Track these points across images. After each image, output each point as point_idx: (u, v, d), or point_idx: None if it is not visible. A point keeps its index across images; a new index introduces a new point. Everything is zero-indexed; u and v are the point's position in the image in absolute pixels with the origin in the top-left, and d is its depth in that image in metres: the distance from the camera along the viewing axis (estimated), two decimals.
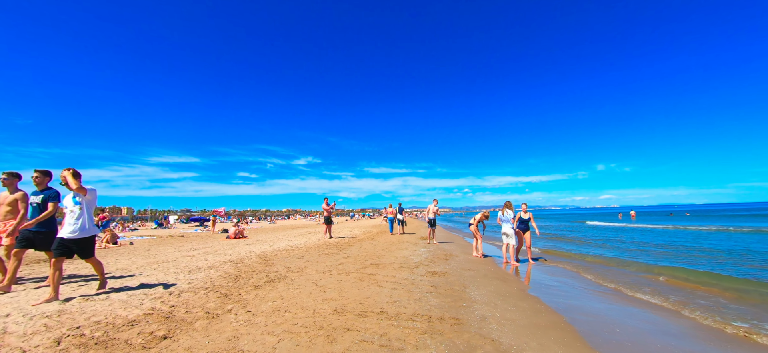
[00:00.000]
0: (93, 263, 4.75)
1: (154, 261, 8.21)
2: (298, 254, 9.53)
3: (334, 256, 9.07)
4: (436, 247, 12.06)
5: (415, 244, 12.91)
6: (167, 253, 10.13)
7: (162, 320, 3.64)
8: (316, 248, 11.05)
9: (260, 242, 13.79)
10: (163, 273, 6.41)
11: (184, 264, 7.58)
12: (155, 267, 7.32)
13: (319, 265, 7.54)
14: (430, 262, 8.35)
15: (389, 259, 8.64)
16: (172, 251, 10.76)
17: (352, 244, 12.45)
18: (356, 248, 11.18)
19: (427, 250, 11.06)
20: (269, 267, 7.20)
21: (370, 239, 14.89)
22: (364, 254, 9.60)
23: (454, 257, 9.53)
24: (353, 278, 6.11)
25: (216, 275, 6.26)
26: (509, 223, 8.90)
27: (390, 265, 7.66)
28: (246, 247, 11.58)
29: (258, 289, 5.15)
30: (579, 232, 21.78)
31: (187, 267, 7.27)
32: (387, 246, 11.86)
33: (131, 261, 8.36)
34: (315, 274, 6.46)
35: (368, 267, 7.39)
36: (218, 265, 7.44)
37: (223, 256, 9.07)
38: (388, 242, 13.29)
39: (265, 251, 10.01)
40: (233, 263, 7.67)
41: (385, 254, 9.53)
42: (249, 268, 7.08)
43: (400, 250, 10.77)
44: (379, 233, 18.49)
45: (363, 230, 21.38)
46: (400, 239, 15.20)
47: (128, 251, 11.20)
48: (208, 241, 15.12)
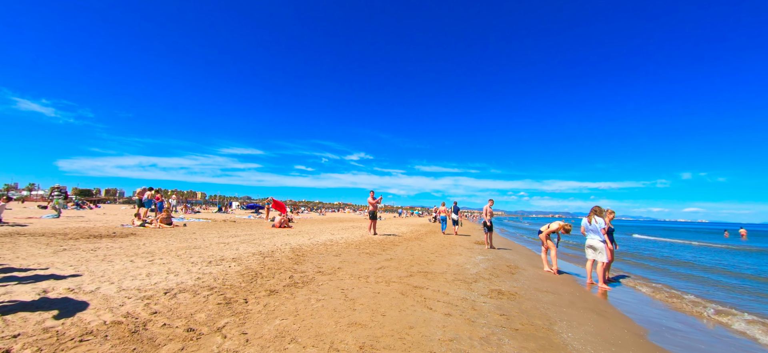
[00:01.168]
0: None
1: (185, 246, 7.72)
2: (336, 251, 8.45)
3: (375, 257, 7.81)
4: (496, 255, 10.20)
5: (470, 249, 11.16)
6: (206, 238, 9.78)
7: (123, 337, 2.64)
8: (357, 245, 9.93)
9: (302, 233, 13.13)
10: (181, 262, 5.70)
11: (211, 253, 6.90)
12: (181, 253, 6.73)
13: (356, 267, 6.31)
14: (491, 275, 6.67)
15: (440, 267, 7.13)
16: (212, 236, 10.45)
17: (397, 244, 11.12)
18: (401, 249, 9.83)
19: (484, 258, 9.30)
20: (298, 265, 6.17)
21: (417, 239, 13.44)
22: (409, 257, 8.20)
23: (520, 270, 7.68)
24: (394, 290, 4.75)
25: (234, 270, 5.35)
26: (598, 234, 6.84)
27: (441, 276, 6.16)
28: (285, 238, 10.89)
29: (272, 296, 4.05)
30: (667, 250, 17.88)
31: (213, 256, 6.55)
32: (437, 249, 10.31)
33: (165, 244, 7.99)
34: (348, 280, 5.23)
35: (414, 275, 5.98)
36: (245, 257, 6.62)
37: (256, 246, 8.34)
38: (438, 245, 11.73)
39: (302, 245, 9.12)
40: (261, 257, 6.80)
41: (435, 260, 8.02)
42: (275, 264, 6.11)
43: (452, 255, 9.17)
44: (428, 233, 16.93)
45: (410, 229, 19.97)
46: (451, 241, 13.51)
47: (175, 233, 11.19)
48: (254, 228, 14.94)
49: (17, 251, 6.13)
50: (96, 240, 8.17)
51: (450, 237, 15.51)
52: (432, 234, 16.58)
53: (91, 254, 6.16)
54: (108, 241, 8.13)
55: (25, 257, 5.57)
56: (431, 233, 17.65)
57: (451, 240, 13.96)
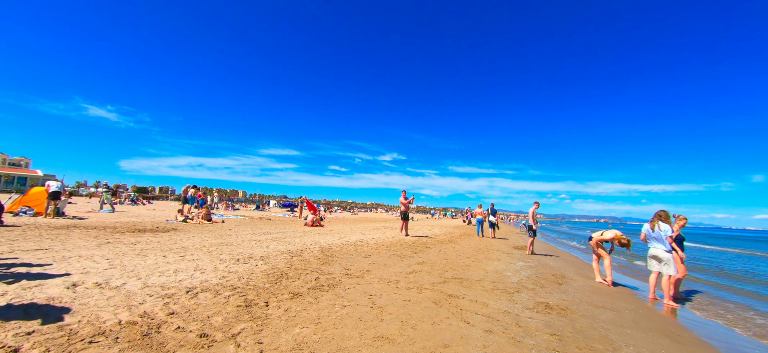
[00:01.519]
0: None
1: (218, 243, 7.82)
2: (366, 251, 8.15)
3: (407, 259, 7.40)
4: (538, 261, 9.35)
5: (509, 254, 10.38)
6: (240, 234, 9.93)
7: (133, 340, 2.47)
8: (388, 246, 9.57)
9: (333, 233, 13.03)
10: (210, 259, 5.67)
11: (241, 250, 6.88)
12: (212, 249, 6.77)
13: (386, 271, 5.94)
14: (535, 285, 6.00)
15: (477, 273, 6.56)
16: (246, 233, 10.62)
17: (430, 246, 10.61)
18: (434, 251, 9.32)
19: (525, 264, 8.53)
20: (326, 266, 5.92)
21: (451, 241, 12.82)
22: (443, 260, 7.69)
23: (568, 280, 6.89)
24: (427, 298, 4.31)
25: (261, 269, 5.21)
26: (663, 243, 5.91)
27: (478, 283, 5.61)
28: (316, 237, 10.81)
29: (295, 300, 3.79)
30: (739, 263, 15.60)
31: (242, 253, 6.51)
32: (473, 253, 9.68)
33: (200, 240, 8.16)
34: (376, 284, 4.87)
35: (448, 281, 5.49)
36: (273, 256, 6.51)
37: (286, 245, 8.27)
38: (473, 248, 11.06)
39: (331, 245, 8.93)
40: (289, 256, 6.65)
41: (471, 265, 7.44)
42: (303, 264, 5.91)
43: (490, 261, 8.51)
44: (463, 236, 16.19)
45: (443, 231, 19.28)
46: (488, 244, 12.73)
47: (213, 229, 11.54)
48: (287, 226, 15.14)
49: (66, 243, 6.48)
50: (139, 235, 8.54)
51: (486, 241, 14.69)
52: (467, 237, 15.83)
53: (130, 248, 6.35)
54: (149, 236, 8.47)
55: (71, 248, 5.84)
56: (466, 235, 16.88)
57: (487, 244, 13.18)
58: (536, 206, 10.95)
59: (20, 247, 5.68)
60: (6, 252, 5.16)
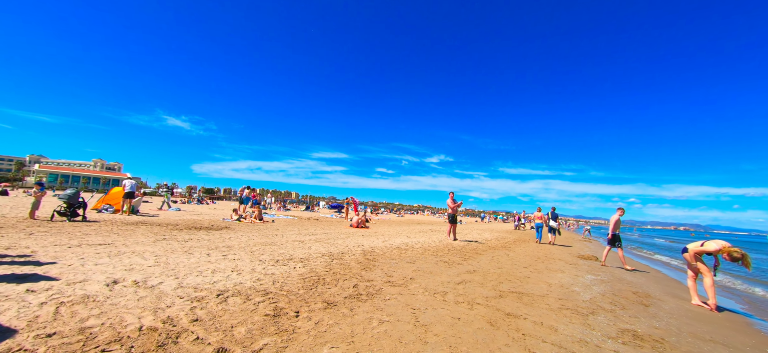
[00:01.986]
0: None
1: (262, 242, 7.85)
2: (410, 256, 7.61)
3: (455, 267, 6.71)
4: (611, 275, 8.01)
5: (574, 265, 9.10)
6: (285, 235, 10.01)
7: (147, 350, 2.23)
8: (435, 251, 8.92)
9: (377, 235, 12.68)
10: (249, 259, 5.58)
11: (283, 251, 6.76)
12: (255, 249, 6.75)
13: (432, 279, 5.35)
14: (614, 305, 4.96)
15: (538, 287, 5.66)
16: (292, 233, 10.71)
17: (481, 253, 9.73)
18: (486, 259, 8.46)
19: (596, 278, 7.32)
20: (366, 271, 5.50)
21: (504, 248, 11.73)
22: (497, 270, 6.86)
23: (655, 301, 5.66)
24: (480, 317, 3.66)
25: (298, 272, 4.94)
26: None
27: (541, 300, 4.77)
28: (359, 239, 10.53)
29: (328, 311, 3.40)
30: None
31: (283, 254, 6.37)
32: (531, 262, 8.63)
33: (247, 239, 8.29)
34: (421, 295, 4.32)
35: (505, 296, 4.74)
36: (313, 258, 6.27)
37: (328, 246, 8.06)
38: (531, 256, 9.93)
39: (375, 248, 8.54)
40: (330, 258, 6.37)
41: (531, 277, 6.52)
42: (342, 268, 5.56)
43: (552, 272, 7.45)
44: (517, 241, 14.86)
45: (495, 235, 17.97)
46: (547, 252, 11.41)
47: (262, 228, 11.87)
48: (333, 227, 15.17)
49: (128, 238, 6.91)
50: (193, 232, 8.97)
51: (545, 247, 13.25)
52: (521, 243, 14.48)
53: (180, 245, 6.56)
54: (202, 233, 8.84)
55: (129, 244, 6.16)
56: (520, 241, 15.48)
57: (547, 251, 11.83)
58: (621, 213, 9.36)
59: (87, 241, 6.13)
60: (74, 246, 5.56)
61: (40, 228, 7.52)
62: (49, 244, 5.58)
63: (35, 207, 9.71)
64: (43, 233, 6.75)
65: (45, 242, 5.68)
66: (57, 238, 6.27)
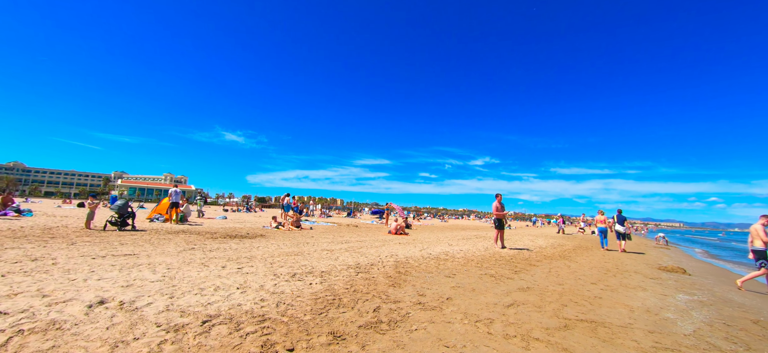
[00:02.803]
0: None
1: (289, 252, 7.36)
2: (450, 269, 6.61)
3: (504, 283, 5.59)
4: (710, 293, 6.24)
5: (656, 279, 7.38)
6: (317, 243, 9.52)
7: None
8: (479, 262, 7.79)
9: (416, 242, 11.75)
10: (264, 272, 5.02)
11: (305, 262, 6.17)
12: (277, 259, 6.24)
13: (474, 300, 4.35)
14: (732, 341, 3.57)
15: (616, 311, 4.37)
16: (324, 240, 10.21)
17: (535, 263, 8.36)
18: (542, 271, 7.15)
19: (691, 298, 5.70)
20: (395, 289, 4.66)
21: (563, 257, 10.13)
22: (557, 286, 5.60)
23: None
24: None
25: (312, 290, 4.25)
26: None
27: (623, 332, 3.55)
28: (395, 247, 9.70)
29: (332, 347, 2.62)
30: None
31: (304, 266, 5.76)
32: (599, 276, 7.12)
33: (275, 248, 7.89)
34: (459, 325, 3.37)
35: (572, 327, 3.60)
36: (337, 271, 5.57)
37: (357, 257, 7.34)
38: (598, 267, 8.32)
39: (410, 258, 7.66)
40: (355, 271, 5.63)
41: (603, 296, 5.18)
42: (367, 284, 4.78)
43: (631, 289, 5.97)
44: (577, 249, 12.96)
45: (550, 242, 16.04)
46: (617, 262, 9.59)
47: (296, 236, 11.57)
48: (370, 234, 14.53)
49: (157, 248, 6.81)
50: (226, 241, 8.82)
51: (613, 256, 11.30)
52: (583, 251, 12.58)
53: (203, 255, 6.27)
54: (234, 242, 8.64)
55: (151, 254, 5.98)
56: (582, 248, 13.52)
57: (616, 261, 9.99)
58: (766, 220, 6.94)
59: (115, 251, 6.06)
60: (98, 257, 5.46)
61: (87, 238, 7.79)
62: (77, 255, 5.55)
63: (90, 218, 10.32)
64: (84, 243, 6.91)
65: (74, 253, 5.67)
66: (90, 248, 6.31)
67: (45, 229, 9.25)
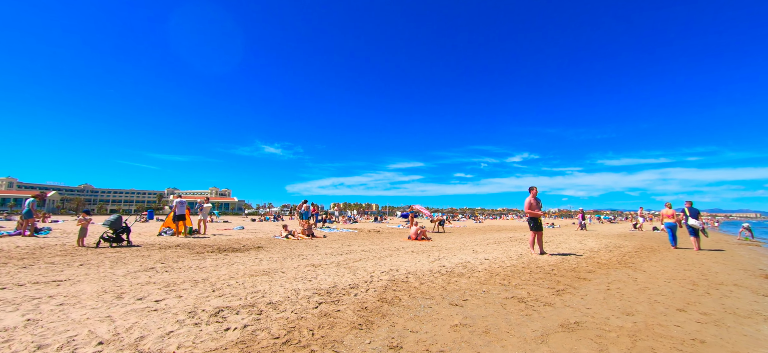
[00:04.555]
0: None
1: (256, 271, 5.97)
2: (462, 290, 4.84)
3: (538, 314, 3.73)
4: None
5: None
6: (309, 256, 8.10)
7: None
8: (507, 276, 5.90)
9: (434, 250, 9.96)
10: (184, 307, 3.61)
11: (262, 288, 4.71)
12: (224, 286, 4.85)
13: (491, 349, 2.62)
14: None
15: None
16: (321, 251, 8.77)
17: (586, 275, 6.26)
18: (597, 289, 5.11)
19: None
20: (358, 333, 3.03)
21: (624, 263, 7.82)
22: (624, 318, 3.62)
23: None
24: None
25: (217, 343, 2.77)
26: None
27: None
28: (401, 258, 8.02)
29: None
30: None
31: (251, 296, 4.30)
32: (686, 295, 4.93)
33: (252, 265, 6.56)
34: None
35: None
36: (292, 300, 4.04)
37: (342, 275, 5.78)
38: (678, 279, 6.03)
39: (412, 275, 5.97)
40: (318, 301, 4.05)
41: (706, 337, 3.16)
42: (319, 325, 3.19)
43: (743, 320, 3.81)
44: (641, 251, 10.36)
45: (603, 243, 13.38)
46: (701, 268, 7.12)
47: (300, 246, 10.29)
48: (387, 241, 12.93)
49: (107, 269, 5.75)
50: (206, 256, 7.69)
51: (690, 259, 8.68)
52: (649, 253, 9.98)
53: (147, 278, 5.07)
54: (213, 257, 7.49)
55: (87, 282, 4.87)
56: (646, 250, 10.86)
57: (699, 267, 7.48)
58: None
59: (46, 277, 5.04)
60: (27, 282, 4.42)
61: (71, 257, 7.08)
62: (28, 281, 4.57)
63: (83, 234, 9.79)
64: (61, 264, 6.11)
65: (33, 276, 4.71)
66: (30, 274, 5.37)
67: (36, 248, 8.77)
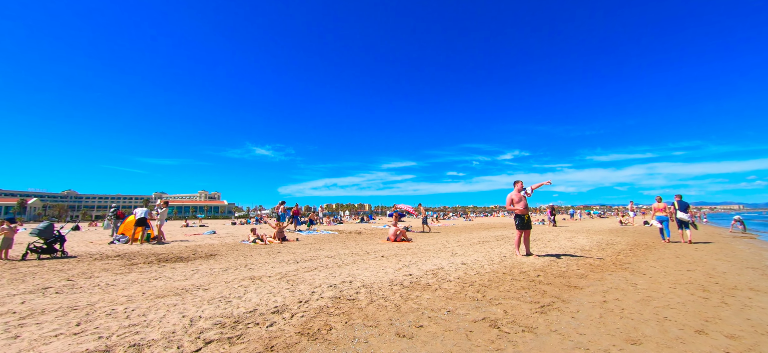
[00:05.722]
0: None
1: (192, 285, 4.85)
2: (422, 310, 3.82)
3: (514, 347, 2.73)
4: None
5: None
6: (257, 266, 6.99)
7: None
8: (482, 287, 4.89)
9: (408, 253, 8.94)
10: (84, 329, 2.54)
11: (174, 316, 3.60)
12: (150, 305, 3.74)
13: None
14: None
15: None
16: (277, 259, 7.66)
17: (578, 282, 5.29)
18: (591, 301, 4.13)
19: None
20: None
21: (619, 264, 6.89)
22: (630, 341, 2.65)
23: None
24: None
25: None
26: None
27: None
28: (366, 265, 6.97)
29: None
30: None
31: (157, 329, 3.21)
32: (699, 306, 3.98)
33: (180, 281, 5.43)
34: None
35: None
36: (200, 330, 2.96)
37: (277, 291, 4.70)
38: (683, 283, 5.10)
39: (365, 288, 4.93)
40: (228, 329, 2.98)
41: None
42: None
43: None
44: (635, 248, 9.49)
45: (594, 240, 12.53)
46: (705, 267, 6.21)
47: (260, 252, 9.17)
48: (364, 243, 11.87)
49: (29, 282, 4.57)
50: (130, 270, 6.53)
51: (692, 257, 7.81)
52: (644, 250, 9.11)
53: (56, 298, 3.93)
54: (141, 271, 6.33)
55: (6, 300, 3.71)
56: (641, 247, 10.00)
57: (702, 266, 6.58)
58: None
59: None
60: None
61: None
62: None
63: (6, 246, 8.49)
64: None
65: None
66: None
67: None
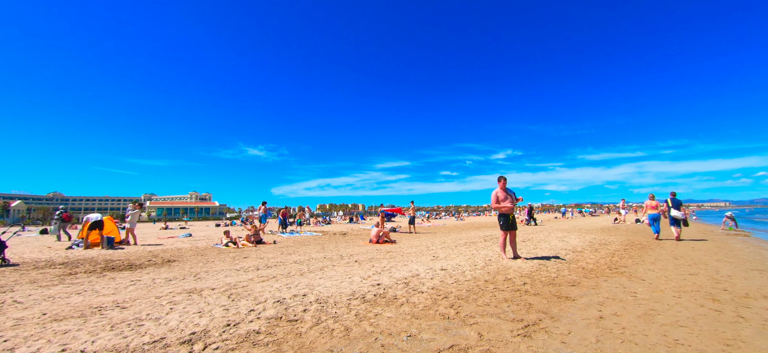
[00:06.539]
0: None
1: (127, 299, 4.03)
2: (378, 333, 3.06)
3: None
4: None
5: None
6: (218, 274, 6.17)
7: None
8: (457, 300, 4.16)
9: (389, 256, 8.18)
10: None
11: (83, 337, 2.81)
12: (73, 321, 2.93)
13: None
14: None
15: None
16: (245, 264, 6.82)
17: (569, 292, 4.59)
18: (584, 314, 3.41)
19: None
20: None
21: (615, 268, 6.22)
22: None
23: None
24: None
25: None
26: None
27: None
28: (333, 272, 6.20)
29: None
30: None
31: None
32: (714, 323, 3.29)
33: (143, 287, 4.60)
34: None
35: None
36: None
37: (208, 312, 3.89)
38: (690, 292, 4.44)
39: (327, 301, 4.16)
40: None
41: None
42: None
43: None
44: (630, 249, 8.86)
45: (587, 240, 11.92)
46: (709, 271, 5.59)
47: (232, 257, 8.32)
48: (344, 245, 11.09)
49: None
50: (62, 281, 5.65)
51: (688, 254, 7.20)
52: (640, 251, 8.49)
53: None
54: (79, 282, 5.46)
55: None
56: (636, 247, 9.39)
57: (706, 270, 5.95)
58: None
59: None
60: None
61: None
62: None
63: None
64: None
65: None
66: None
67: None
